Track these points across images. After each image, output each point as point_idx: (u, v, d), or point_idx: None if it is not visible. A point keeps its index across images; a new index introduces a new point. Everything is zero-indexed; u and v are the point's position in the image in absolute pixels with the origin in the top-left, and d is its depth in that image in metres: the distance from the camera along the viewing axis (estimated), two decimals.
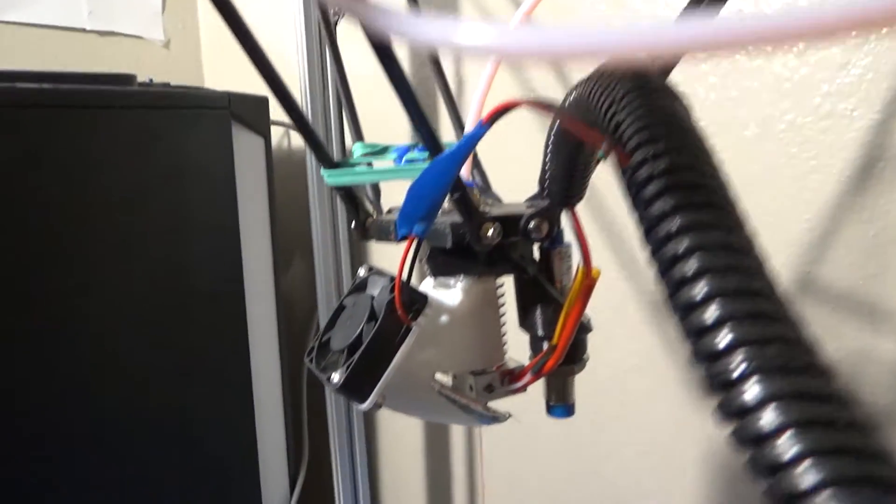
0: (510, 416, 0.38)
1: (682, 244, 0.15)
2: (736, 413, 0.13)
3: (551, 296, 0.36)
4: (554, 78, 0.63)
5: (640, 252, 0.61)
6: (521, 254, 0.35)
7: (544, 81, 0.63)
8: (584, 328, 0.37)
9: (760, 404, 0.12)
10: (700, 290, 0.14)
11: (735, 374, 0.13)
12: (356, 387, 0.33)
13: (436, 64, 0.44)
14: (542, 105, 0.22)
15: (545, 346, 0.36)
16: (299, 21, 0.70)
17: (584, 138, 0.20)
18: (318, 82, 0.72)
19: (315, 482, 0.89)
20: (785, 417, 0.12)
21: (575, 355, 0.37)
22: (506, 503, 0.77)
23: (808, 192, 0.50)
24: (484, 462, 0.79)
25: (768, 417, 0.12)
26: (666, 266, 0.15)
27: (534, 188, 0.38)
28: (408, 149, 0.32)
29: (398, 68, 0.24)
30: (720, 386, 0.13)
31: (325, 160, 0.34)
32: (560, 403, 0.38)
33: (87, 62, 0.98)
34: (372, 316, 0.34)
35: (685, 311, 0.14)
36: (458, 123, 0.45)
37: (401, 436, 0.89)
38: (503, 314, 0.38)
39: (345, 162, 0.34)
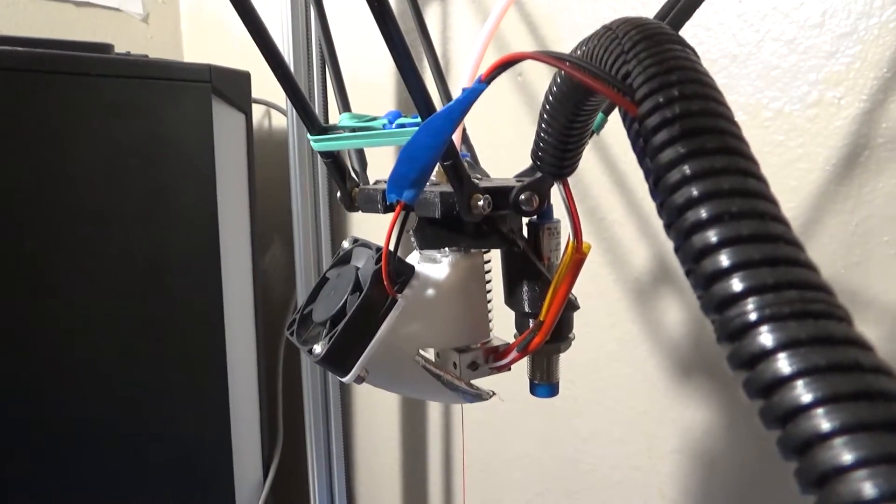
0: (494, 394, 0.38)
1: (695, 189, 0.14)
2: (748, 361, 0.12)
3: (539, 272, 0.35)
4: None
5: (622, 238, 0.61)
6: (510, 227, 0.35)
7: (533, 67, 0.63)
8: (571, 305, 0.36)
9: (774, 350, 0.12)
10: (712, 235, 0.14)
11: (748, 320, 0.12)
12: (338, 359, 0.32)
13: (424, 35, 0.43)
14: (547, 57, 0.21)
15: (531, 323, 0.36)
16: None
17: (592, 89, 0.19)
18: (303, 55, 0.71)
19: (289, 465, 0.88)
20: (801, 363, 0.11)
21: (561, 333, 0.37)
22: (482, 488, 0.76)
23: (793, 180, 0.50)
24: (464, 446, 0.79)
25: (782, 364, 0.12)
26: (677, 213, 0.15)
27: (518, 169, 0.37)
28: (399, 113, 0.32)
29: (392, 20, 0.23)
30: (732, 333, 0.13)
31: (313, 125, 0.33)
32: (545, 382, 0.38)
33: (63, 34, 0.95)
34: (357, 287, 0.33)
35: (697, 257, 0.14)
36: (447, 97, 0.44)
37: (377, 419, 0.88)
38: (489, 291, 0.38)
39: (332, 127, 0.33)
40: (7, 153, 0.58)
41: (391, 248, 0.32)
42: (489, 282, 0.37)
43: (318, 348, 0.32)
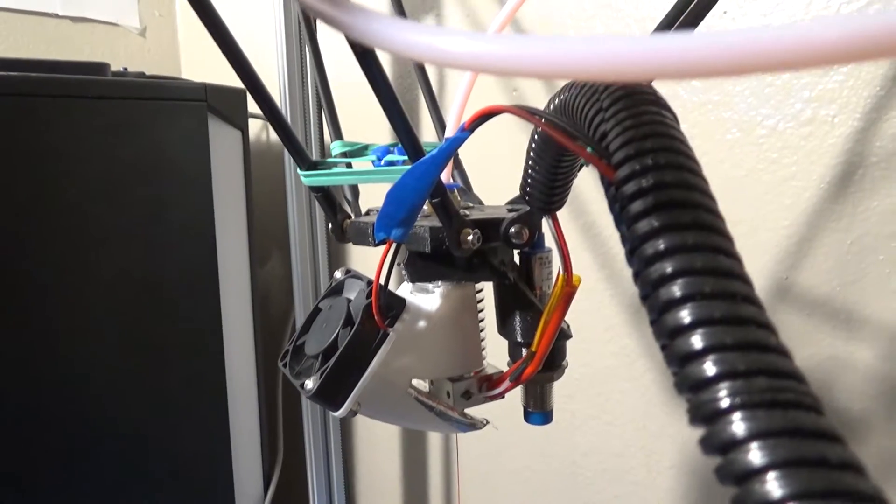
0: (488, 422, 0.38)
1: (668, 267, 0.14)
2: (720, 447, 0.12)
3: (531, 302, 0.35)
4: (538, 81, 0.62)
5: (619, 254, 0.61)
6: (500, 259, 0.35)
7: (528, 84, 0.63)
8: (563, 335, 0.36)
9: (745, 441, 0.12)
10: (685, 315, 0.14)
11: (720, 407, 0.13)
12: (330, 394, 0.32)
13: (419, 64, 0.43)
14: (524, 112, 0.21)
15: (524, 352, 0.36)
16: (279, 16, 0.68)
17: (566, 147, 0.19)
18: (297, 79, 0.71)
19: (290, 481, 0.88)
20: (771, 456, 0.11)
21: (554, 362, 0.37)
22: (482, 502, 0.76)
23: (787, 198, 0.50)
24: (459, 461, 0.79)
25: (753, 455, 0.12)
26: (650, 288, 0.15)
27: (516, 190, 0.37)
28: (387, 149, 0.32)
29: (379, 69, 0.23)
30: (704, 417, 0.13)
31: (303, 160, 0.33)
32: (538, 410, 0.38)
33: (60, 50, 0.95)
34: (348, 321, 0.33)
35: (670, 335, 0.14)
36: (441, 124, 0.44)
37: (377, 433, 0.88)
38: (482, 319, 0.38)
39: (322, 162, 0.33)
40: (5, 174, 0.58)
41: (381, 282, 0.32)
42: (482, 310, 0.37)
43: (309, 384, 0.32)
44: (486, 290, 0.38)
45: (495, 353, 0.39)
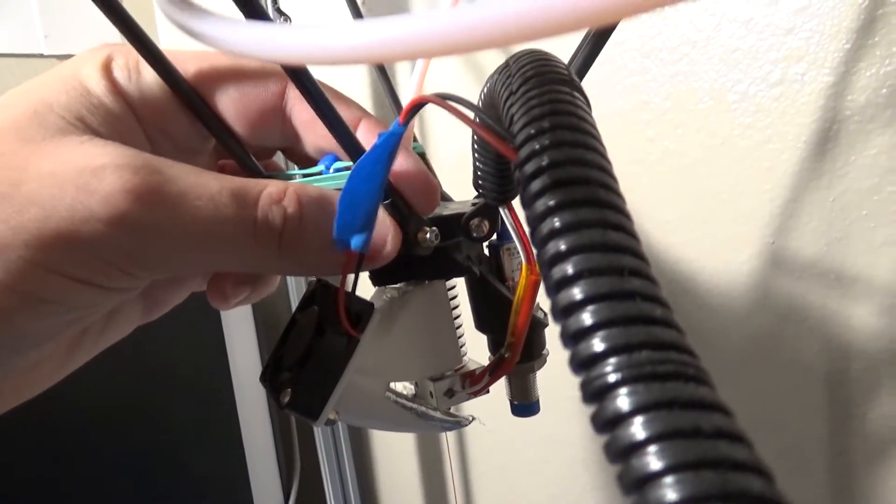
0: (473, 419, 0.38)
1: (561, 244, 0.14)
2: (607, 423, 0.12)
3: (501, 294, 0.35)
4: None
5: None
6: (466, 255, 0.35)
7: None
8: (539, 324, 0.36)
9: (629, 415, 0.12)
10: (577, 292, 0.14)
11: (607, 382, 0.12)
12: (305, 405, 0.32)
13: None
14: (442, 101, 0.21)
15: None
16: None
17: (488, 141, 0.19)
18: None
19: (311, 491, 0.89)
20: (651, 429, 0.11)
21: (533, 352, 0.37)
22: (497, 494, 0.76)
23: (765, 162, 0.49)
24: (475, 470, 0.79)
25: (636, 428, 0.12)
26: (547, 266, 0.15)
27: None
28: (335, 157, 0.32)
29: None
30: (593, 394, 0.13)
31: (255, 173, 0.33)
32: (524, 402, 0.38)
33: None
34: (319, 329, 0.34)
35: (562, 314, 0.14)
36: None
37: (394, 438, 0.88)
38: (458, 315, 0.38)
39: (275, 175, 0.33)
40: None
41: (348, 289, 0.32)
42: (457, 307, 0.37)
43: (284, 397, 0.32)
44: (461, 286, 0.38)
45: (480, 350, 0.39)
